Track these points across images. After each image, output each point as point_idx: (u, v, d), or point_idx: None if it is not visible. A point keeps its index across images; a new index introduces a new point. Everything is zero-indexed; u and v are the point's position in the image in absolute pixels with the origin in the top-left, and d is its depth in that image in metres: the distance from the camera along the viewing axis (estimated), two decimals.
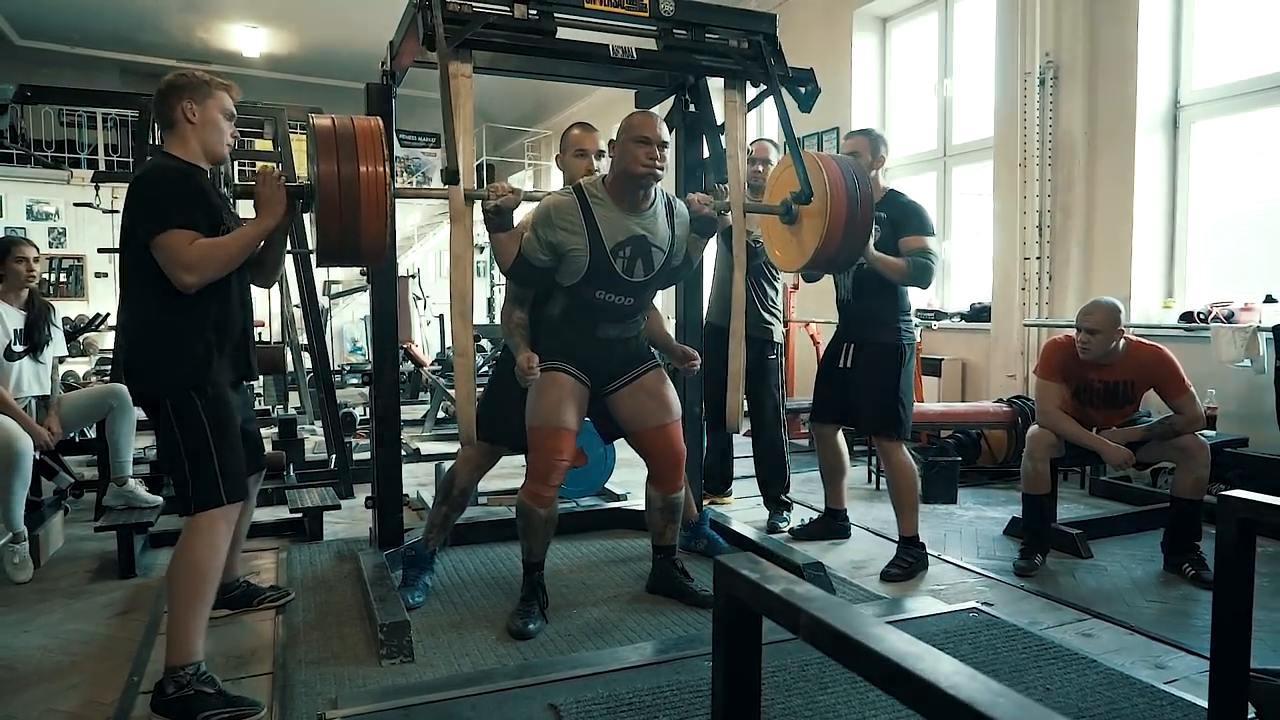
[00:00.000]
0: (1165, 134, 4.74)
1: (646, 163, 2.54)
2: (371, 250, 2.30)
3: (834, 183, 2.66)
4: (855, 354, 3.32)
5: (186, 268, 2.10)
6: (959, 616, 2.60)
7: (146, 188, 2.18)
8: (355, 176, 2.18)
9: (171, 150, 2.29)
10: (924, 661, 0.84)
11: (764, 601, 1.03)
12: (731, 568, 1.10)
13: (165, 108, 2.28)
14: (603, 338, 2.74)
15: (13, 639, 2.69)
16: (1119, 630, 2.64)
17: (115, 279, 9.52)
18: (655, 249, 2.68)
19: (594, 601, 2.87)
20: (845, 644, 0.90)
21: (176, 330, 2.20)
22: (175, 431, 2.18)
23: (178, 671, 2.07)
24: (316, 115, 2.35)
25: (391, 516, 3.20)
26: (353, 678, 2.29)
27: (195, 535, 2.16)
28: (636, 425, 2.82)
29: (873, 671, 0.87)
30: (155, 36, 10.19)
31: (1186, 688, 2.16)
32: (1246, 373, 4.05)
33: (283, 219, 2.27)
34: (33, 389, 3.55)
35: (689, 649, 2.38)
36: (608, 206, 2.62)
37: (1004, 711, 0.74)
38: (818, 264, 2.82)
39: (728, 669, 1.11)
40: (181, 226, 2.11)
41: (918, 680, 0.82)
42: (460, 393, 2.53)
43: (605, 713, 1.99)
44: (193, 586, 2.14)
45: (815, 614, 0.95)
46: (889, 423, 3.20)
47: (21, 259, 3.50)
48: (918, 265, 3.12)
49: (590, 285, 2.65)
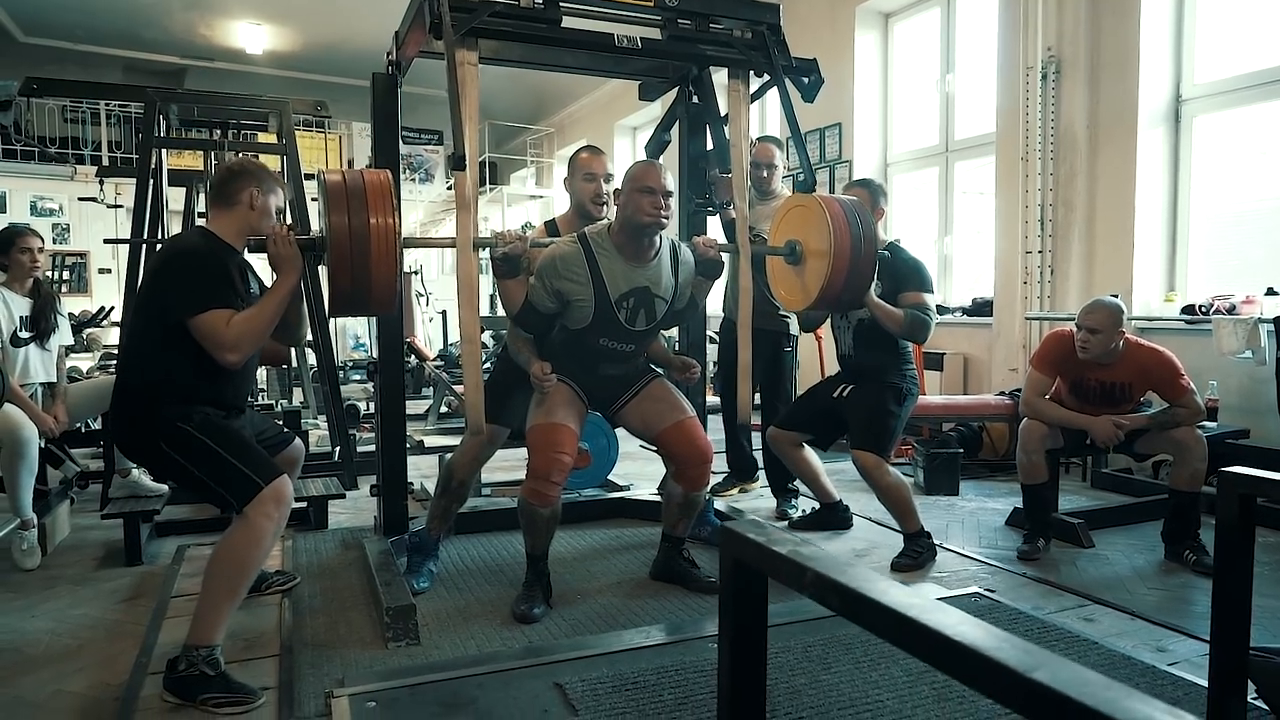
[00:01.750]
0: (1167, 128, 4.75)
1: (651, 212, 2.58)
2: (381, 299, 2.35)
3: (837, 224, 2.71)
4: (853, 391, 3.35)
5: (229, 348, 2.18)
6: (961, 601, 2.62)
7: (187, 266, 2.25)
8: (366, 229, 2.25)
9: (217, 228, 2.38)
10: (930, 613, 0.85)
11: (770, 562, 1.05)
12: (737, 531, 1.12)
13: (231, 189, 2.37)
14: (604, 375, 2.82)
15: (20, 623, 2.71)
16: (1120, 615, 2.65)
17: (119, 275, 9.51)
18: (658, 299, 2.73)
19: (598, 588, 2.88)
20: (851, 598, 0.92)
21: (168, 366, 2.23)
22: (183, 463, 2.20)
23: (193, 650, 2.09)
24: (327, 172, 2.41)
25: (396, 503, 3.21)
26: (358, 660, 2.30)
27: (243, 528, 2.14)
28: (653, 429, 2.84)
29: (879, 623, 0.89)
30: (158, 34, 10.22)
31: (1188, 670, 2.17)
32: (1247, 365, 4.06)
33: (300, 273, 2.33)
34: (39, 376, 3.58)
35: (693, 632, 2.40)
36: (612, 257, 2.66)
37: (1007, 655, 0.75)
38: (823, 304, 2.85)
39: (735, 633, 1.12)
40: (218, 307, 2.19)
41: (924, 629, 0.83)
42: (469, 380, 2.55)
43: (611, 691, 2.00)
44: (230, 577, 2.14)
45: (821, 571, 0.97)
46: (877, 437, 3.18)
47: (26, 249, 3.52)
48: (916, 320, 3.15)
49: (594, 333, 2.72)
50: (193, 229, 2.46)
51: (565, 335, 2.76)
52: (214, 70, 11.12)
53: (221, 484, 2.18)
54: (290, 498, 2.21)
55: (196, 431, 2.19)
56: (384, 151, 3.04)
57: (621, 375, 2.86)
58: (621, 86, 10.21)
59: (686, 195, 3.57)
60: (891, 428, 3.19)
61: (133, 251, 3.99)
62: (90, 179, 10.03)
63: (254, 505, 2.13)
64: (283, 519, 2.19)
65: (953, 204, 6.26)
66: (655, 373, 2.94)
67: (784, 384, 3.98)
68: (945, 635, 0.81)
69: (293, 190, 4.49)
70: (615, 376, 2.85)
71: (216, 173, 2.49)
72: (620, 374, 2.85)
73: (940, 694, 2.00)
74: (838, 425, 3.40)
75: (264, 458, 2.29)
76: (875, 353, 3.28)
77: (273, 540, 2.19)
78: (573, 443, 2.69)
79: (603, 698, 1.98)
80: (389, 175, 2.42)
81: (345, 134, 12.19)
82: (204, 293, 2.19)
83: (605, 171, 3.08)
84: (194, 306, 2.17)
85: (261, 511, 2.12)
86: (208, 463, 2.18)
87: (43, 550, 3.32)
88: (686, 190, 3.55)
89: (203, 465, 2.18)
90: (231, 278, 2.30)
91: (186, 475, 2.23)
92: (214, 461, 2.18)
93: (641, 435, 2.92)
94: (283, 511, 2.18)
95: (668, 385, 2.90)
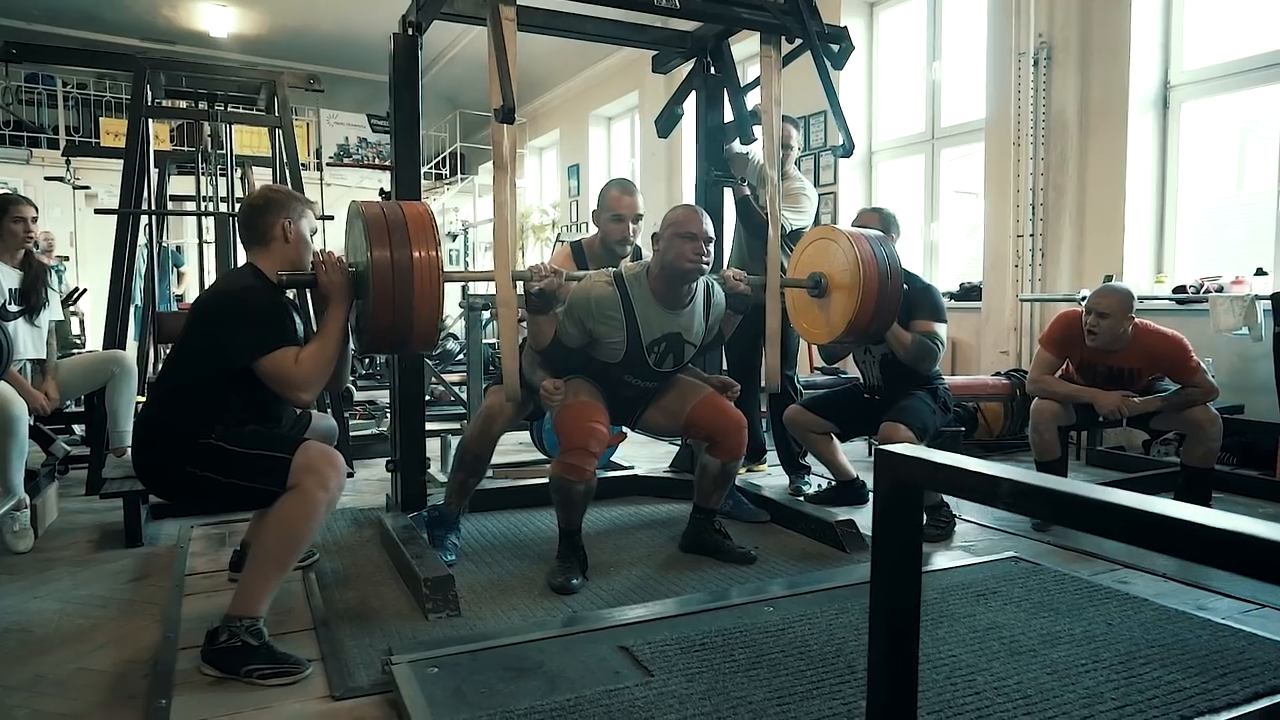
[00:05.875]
0: (1156, 113, 4.85)
1: (693, 258, 2.57)
2: (424, 337, 2.25)
3: (865, 259, 2.72)
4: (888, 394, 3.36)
5: (302, 386, 2.11)
6: (1001, 565, 2.62)
7: (250, 307, 2.14)
8: (409, 264, 2.15)
9: (260, 265, 2.27)
10: (1155, 505, 0.82)
11: (950, 479, 1.01)
12: (897, 453, 1.09)
13: (261, 225, 2.26)
14: (621, 397, 2.80)
15: (24, 604, 2.57)
16: (1153, 578, 2.67)
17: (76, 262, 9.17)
18: (688, 345, 2.75)
19: (630, 561, 2.83)
20: (1064, 502, 0.89)
21: (206, 394, 2.14)
22: (216, 477, 2.08)
23: (235, 621, 1.99)
24: (364, 203, 2.31)
25: (414, 479, 3.13)
26: (400, 631, 2.22)
27: (296, 498, 2.02)
28: (679, 415, 2.82)
29: (1104, 523, 0.85)
30: (119, 15, 9.87)
31: (1243, 623, 2.19)
32: (1238, 343, 4.16)
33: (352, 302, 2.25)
34: (28, 352, 3.41)
35: (746, 596, 2.36)
36: (648, 303, 2.65)
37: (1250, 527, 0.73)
38: (849, 336, 2.87)
39: (896, 553, 1.09)
40: (283, 345, 2.11)
41: (1160, 520, 0.80)
42: (505, 345, 2.49)
43: (680, 653, 1.95)
44: (281, 548, 2.04)
45: (1019, 480, 0.94)
46: (907, 412, 3.14)
47: (19, 219, 3.35)
48: (923, 346, 3.15)
49: (619, 369, 2.71)
50: (243, 267, 2.34)
51: (588, 361, 2.73)
52: (177, 55, 10.78)
53: (259, 479, 2.07)
54: (340, 464, 2.10)
55: (219, 441, 2.09)
56: (403, 113, 2.95)
57: (639, 397, 2.86)
58: (597, 75, 10.15)
59: (703, 167, 3.53)
60: (923, 412, 3.16)
61: (121, 222, 3.83)
62: (47, 162, 9.67)
63: (304, 475, 2.02)
64: (336, 489, 2.07)
65: (939, 192, 6.32)
66: None
67: (788, 361, 3.93)
68: (1185, 521, 0.79)
69: (289, 169, 4.35)
70: (632, 398, 2.85)
71: (241, 212, 2.37)
72: (637, 396, 2.85)
73: (1010, 648, 1.99)
74: (865, 422, 3.39)
75: (280, 436, 2.20)
76: (903, 384, 3.27)
77: (326, 511, 2.08)
78: (605, 417, 2.64)
79: (673, 659, 1.93)
80: (428, 208, 2.35)
81: (313, 121, 11.92)
82: (272, 334, 2.11)
83: (634, 214, 3.01)
84: (263, 348, 2.08)
85: (316, 481, 2.02)
86: (239, 466, 2.08)
87: (35, 533, 3.16)
88: (703, 162, 3.52)
89: (236, 470, 2.08)
90: (284, 312, 2.22)
91: (223, 488, 2.10)
92: (244, 462, 2.08)
93: (668, 430, 2.91)
94: (337, 480, 2.07)
95: (678, 376, 2.88)
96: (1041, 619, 2.18)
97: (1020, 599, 2.32)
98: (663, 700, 1.75)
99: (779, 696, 1.77)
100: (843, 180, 6.74)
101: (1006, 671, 1.88)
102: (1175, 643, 2.02)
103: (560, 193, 11.36)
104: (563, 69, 10.41)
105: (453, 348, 8.60)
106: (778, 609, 2.26)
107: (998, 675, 1.86)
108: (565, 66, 10.32)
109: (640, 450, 4.90)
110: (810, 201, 3.75)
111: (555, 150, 11.80)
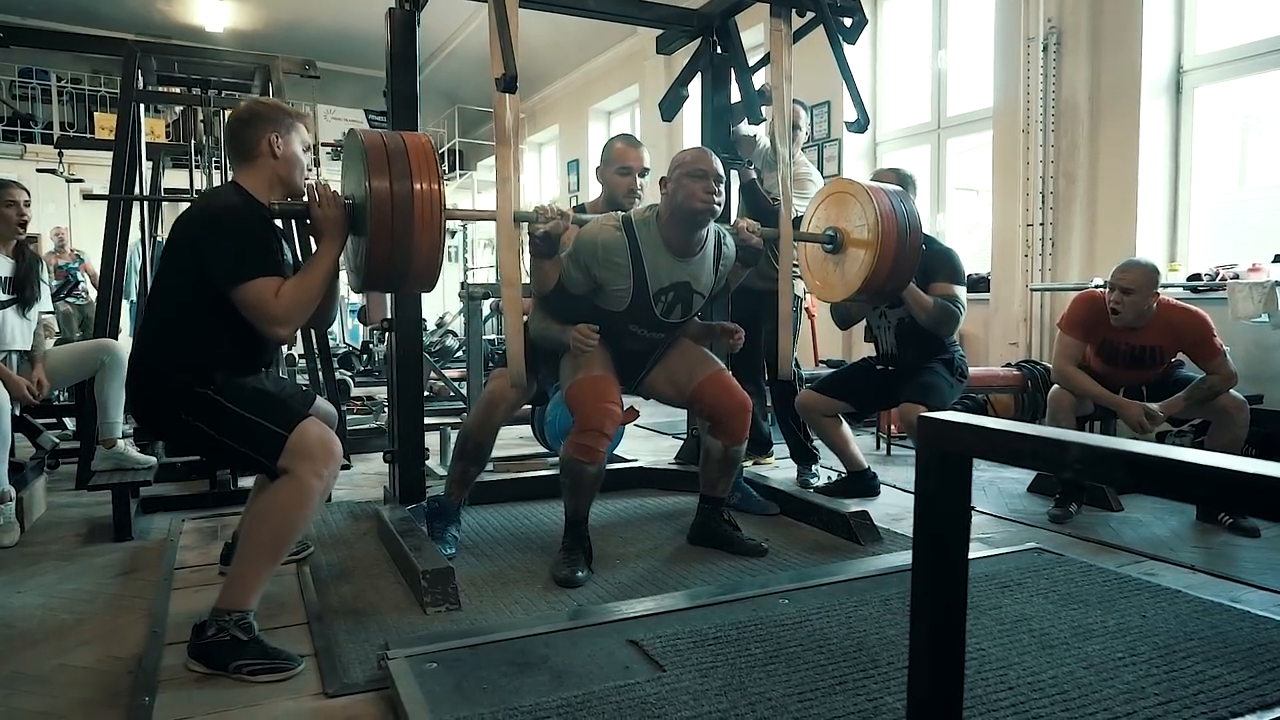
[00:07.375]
0: (1169, 99, 4.75)
1: (705, 198, 2.45)
2: (422, 273, 2.11)
3: (884, 214, 2.61)
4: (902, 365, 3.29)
5: (278, 322, 1.96)
6: (1024, 556, 2.52)
7: (230, 228, 1.98)
8: (409, 195, 2.02)
9: (244, 183, 2.11)
10: (1233, 463, 0.73)
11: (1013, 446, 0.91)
12: (943, 420, 0.99)
13: (247, 139, 2.10)
14: (626, 349, 2.70)
15: (6, 599, 2.47)
16: (1180, 570, 2.57)
17: None
18: (697, 295, 2.64)
19: (636, 554, 2.73)
20: (1145, 465, 0.79)
21: (194, 329, 2.00)
22: (206, 430, 1.96)
23: (224, 615, 1.88)
24: (363, 130, 2.18)
25: (412, 471, 3.02)
26: (398, 625, 2.12)
27: (289, 486, 1.91)
28: (685, 389, 2.72)
29: (1181, 485, 0.76)
30: (114, 9, 9.78)
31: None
32: (1256, 331, 4.05)
33: (346, 238, 2.10)
34: (15, 343, 3.30)
35: (759, 589, 2.26)
36: (657, 249, 2.54)
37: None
38: (864, 295, 2.76)
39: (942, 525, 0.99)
40: (264, 274, 1.95)
41: (1245, 477, 0.70)
42: (509, 326, 2.38)
43: (692, 647, 1.85)
44: (272, 538, 1.92)
45: (1089, 443, 0.84)
46: (926, 391, 3.08)
47: (11, 203, 3.24)
48: (945, 309, 3.07)
49: (624, 319, 2.60)
50: (225, 185, 2.20)
51: (592, 311, 2.61)
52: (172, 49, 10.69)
53: (246, 444, 1.95)
54: (337, 452, 1.98)
55: (217, 394, 1.96)
56: (400, 92, 2.85)
57: (646, 350, 2.75)
58: (596, 69, 10.04)
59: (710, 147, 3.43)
60: (942, 389, 3.09)
61: (111, 209, 3.72)
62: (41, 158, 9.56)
63: (299, 461, 1.91)
64: (330, 476, 1.96)
65: (944, 181, 6.22)
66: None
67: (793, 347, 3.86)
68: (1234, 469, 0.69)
69: None
70: (639, 352, 2.74)
71: (228, 124, 2.20)
72: (644, 350, 2.75)
73: (1041, 641, 1.89)
74: (880, 395, 3.30)
75: (284, 406, 2.04)
76: (919, 349, 3.19)
77: (320, 500, 1.97)
78: (619, 395, 2.55)
79: (685, 653, 1.82)
80: (429, 138, 2.23)
81: (310, 115, 11.80)
82: (252, 259, 1.94)
83: (641, 166, 2.93)
84: (240, 275, 1.92)
85: (310, 469, 1.90)
86: (230, 424, 1.95)
87: (21, 527, 3.06)
88: (710, 143, 3.41)
89: (225, 428, 1.96)
90: (271, 233, 2.08)
91: (210, 443, 1.99)
92: (236, 422, 1.95)
93: (672, 400, 2.79)
94: (332, 468, 1.96)
95: (689, 342, 2.78)
96: (1071, 611, 2.08)
97: (1047, 590, 2.22)
98: (676, 696, 1.65)
99: (799, 692, 1.67)
100: (846, 171, 6.64)
101: (1040, 665, 1.78)
102: (1215, 635, 1.92)
103: (560, 188, 11.26)
104: (562, 63, 10.31)
105: (452, 344, 8.50)
106: (793, 601, 2.16)
107: (1031, 669, 1.76)
108: (564, 60, 10.22)
109: (644, 444, 4.81)
110: (816, 186, 3.66)
111: (555, 146, 11.70)
